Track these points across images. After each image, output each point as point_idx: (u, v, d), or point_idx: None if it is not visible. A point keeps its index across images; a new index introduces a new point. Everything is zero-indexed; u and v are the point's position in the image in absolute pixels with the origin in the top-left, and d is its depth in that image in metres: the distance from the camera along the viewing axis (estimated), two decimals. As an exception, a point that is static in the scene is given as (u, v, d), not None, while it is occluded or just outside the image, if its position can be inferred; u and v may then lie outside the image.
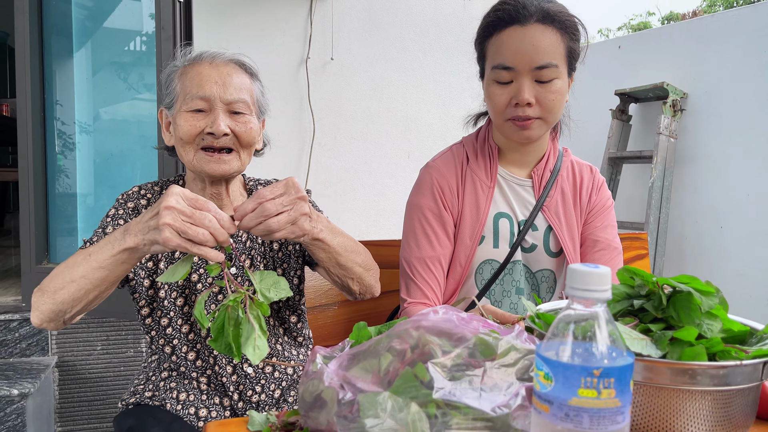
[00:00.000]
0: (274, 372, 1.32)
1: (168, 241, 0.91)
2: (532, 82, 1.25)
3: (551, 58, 1.24)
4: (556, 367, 0.55)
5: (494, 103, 1.30)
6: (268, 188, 0.99)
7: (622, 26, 19.61)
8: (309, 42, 2.77)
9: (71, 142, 2.74)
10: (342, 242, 1.19)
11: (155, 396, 1.28)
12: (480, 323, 0.75)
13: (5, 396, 2.09)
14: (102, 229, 1.25)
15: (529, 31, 1.24)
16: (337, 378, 0.73)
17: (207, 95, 1.20)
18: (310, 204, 1.38)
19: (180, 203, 0.92)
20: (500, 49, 1.27)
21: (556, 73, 1.25)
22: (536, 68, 1.24)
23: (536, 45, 1.23)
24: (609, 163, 4.35)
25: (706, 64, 4.03)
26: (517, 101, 1.26)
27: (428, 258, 1.36)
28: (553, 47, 1.25)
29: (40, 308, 1.09)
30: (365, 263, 1.27)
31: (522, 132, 1.30)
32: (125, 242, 1.00)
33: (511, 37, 1.25)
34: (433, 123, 3.02)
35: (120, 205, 1.29)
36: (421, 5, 2.95)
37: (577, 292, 0.56)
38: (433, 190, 1.38)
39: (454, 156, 1.42)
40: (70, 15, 2.75)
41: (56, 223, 2.71)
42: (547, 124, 1.31)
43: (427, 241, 1.37)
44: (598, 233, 1.41)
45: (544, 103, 1.26)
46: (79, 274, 1.05)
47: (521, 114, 1.27)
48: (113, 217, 1.27)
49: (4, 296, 2.65)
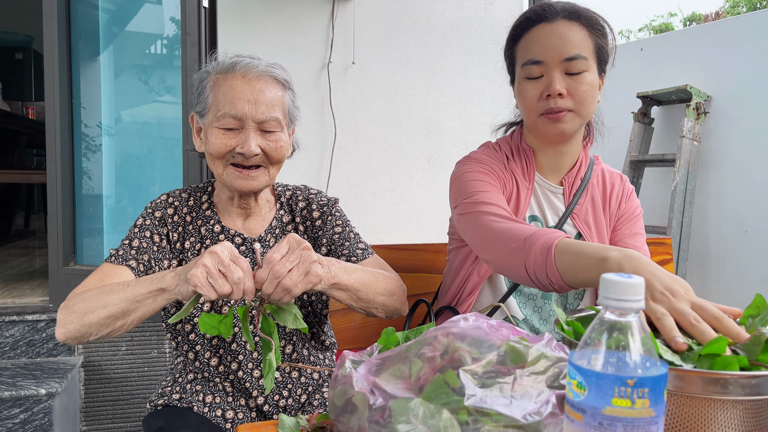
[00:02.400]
0: (301, 377, 1.34)
1: (193, 278, 0.95)
2: (563, 74, 1.26)
3: (580, 50, 1.25)
4: (590, 376, 0.56)
5: (525, 99, 1.30)
6: (274, 250, 1.01)
7: (643, 27, 19.42)
8: (331, 46, 2.79)
9: (98, 144, 2.79)
10: (359, 278, 1.17)
11: (183, 398, 1.30)
12: (510, 330, 0.75)
13: (33, 395, 2.14)
14: (129, 240, 1.26)
15: (556, 26, 1.26)
16: (367, 383, 0.74)
17: (239, 115, 1.20)
18: (339, 210, 1.39)
19: (224, 254, 0.97)
20: (528, 46, 1.29)
21: (585, 66, 1.25)
22: (566, 59, 1.24)
23: (563, 38, 1.25)
24: (631, 167, 4.31)
25: (730, 67, 3.99)
26: (548, 93, 1.26)
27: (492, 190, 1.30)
28: (581, 41, 1.26)
29: (66, 326, 1.11)
30: (388, 290, 1.24)
31: (555, 125, 1.28)
32: (163, 281, 1.04)
33: (539, 33, 1.28)
34: (454, 127, 3.02)
35: (148, 214, 1.30)
36: (442, 9, 2.96)
37: (611, 301, 0.57)
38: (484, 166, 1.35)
39: (497, 152, 1.41)
40: (96, 19, 2.80)
41: (83, 226, 2.76)
42: (580, 118, 1.29)
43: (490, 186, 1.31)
44: (626, 240, 1.41)
45: (575, 94, 1.26)
46: (112, 302, 1.08)
47: (553, 106, 1.26)
48: (140, 227, 1.28)
49: (31, 297, 2.70)
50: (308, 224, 1.38)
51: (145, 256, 1.25)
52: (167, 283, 1.04)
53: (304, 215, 1.38)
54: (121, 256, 1.24)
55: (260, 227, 1.35)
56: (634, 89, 4.36)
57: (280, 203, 1.39)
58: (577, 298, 1.41)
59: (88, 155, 2.79)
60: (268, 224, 1.36)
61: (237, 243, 1.31)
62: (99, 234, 2.80)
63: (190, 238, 1.30)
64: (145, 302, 1.07)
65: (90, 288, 1.14)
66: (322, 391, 1.37)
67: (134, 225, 1.29)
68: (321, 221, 1.37)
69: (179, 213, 1.31)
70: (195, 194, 1.36)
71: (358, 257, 1.33)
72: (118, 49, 2.88)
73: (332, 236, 1.36)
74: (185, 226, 1.31)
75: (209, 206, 1.34)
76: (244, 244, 1.32)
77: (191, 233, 1.31)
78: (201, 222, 1.32)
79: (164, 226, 1.29)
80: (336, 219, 1.38)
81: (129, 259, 1.23)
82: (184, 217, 1.31)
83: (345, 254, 1.34)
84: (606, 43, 1.31)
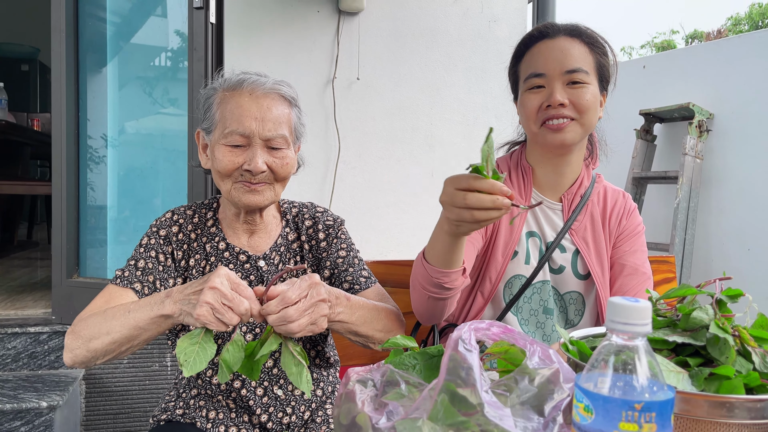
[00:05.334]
0: (304, 394, 1.34)
1: (201, 318, 0.96)
2: (564, 85, 1.29)
3: (581, 64, 1.29)
4: (597, 400, 0.56)
5: (527, 110, 1.32)
6: (292, 289, 1.01)
7: (645, 44, 19.52)
8: (336, 62, 2.81)
9: (102, 156, 2.81)
10: (361, 316, 1.17)
11: (186, 414, 1.29)
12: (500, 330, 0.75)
13: (34, 408, 2.13)
14: (134, 261, 1.26)
15: (558, 41, 1.31)
16: (371, 403, 0.74)
17: (246, 132, 1.21)
18: (344, 233, 1.39)
19: (224, 285, 0.98)
20: (531, 61, 1.33)
21: (587, 79, 1.29)
22: (567, 72, 1.28)
23: (565, 52, 1.29)
24: (634, 183, 4.32)
25: (733, 85, 4.01)
26: (549, 103, 1.28)
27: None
28: (582, 56, 1.30)
29: (73, 352, 1.13)
30: (387, 327, 1.23)
31: (557, 135, 1.30)
32: (164, 308, 1.04)
33: (541, 48, 1.32)
34: (457, 142, 3.03)
35: (152, 233, 1.30)
36: (446, 26, 2.98)
37: (617, 325, 0.57)
38: None
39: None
40: (103, 32, 2.83)
41: (87, 238, 2.76)
42: (581, 128, 1.31)
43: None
44: (626, 257, 1.41)
45: (577, 104, 1.28)
46: (115, 329, 1.08)
47: (554, 114, 1.28)
48: (145, 247, 1.28)
49: (34, 309, 2.70)
50: (313, 243, 1.38)
51: (150, 277, 1.25)
52: (169, 309, 1.04)
53: (310, 234, 1.38)
54: (127, 278, 1.24)
55: (265, 244, 1.35)
56: (637, 106, 4.38)
57: (286, 221, 1.39)
58: (577, 315, 1.41)
59: (96, 167, 2.80)
60: (273, 242, 1.36)
61: (242, 260, 1.32)
62: (103, 246, 2.81)
63: (195, 255, 1.31)
64: (150, 328, 1.07)
65: (95, 312, 1.14)
66: (326, 408, 1.37)
67: (139, 244, 1.29)
68: (326, 243, 1.37)
69: (184, 231, 1.32)
70: (200, 211, 1.36)
71: (362, 286, 1.33)
72: (124, 62, 2.90)
73: (336, 260, 1.36)
74: (190, 244, 1.31)
75: (214, 223, 1.34)
76: (248, 262, 1.32)
77: (196, 250, 1.31)
78: (206, 239, 1.32)
79: (169, 244, 1.29)
80: (341, 242, 1.38)
81: (134, 282, 1.23)
82: (189, 235, 1.32)
83: (348, 281, 1.34)
84: (607, 61, 1.34)
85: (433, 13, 2.96)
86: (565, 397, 0.68)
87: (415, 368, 0.84)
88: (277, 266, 1.34)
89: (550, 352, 0.71)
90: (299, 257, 1.37)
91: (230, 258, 1.31)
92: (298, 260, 1.37)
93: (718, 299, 0.82)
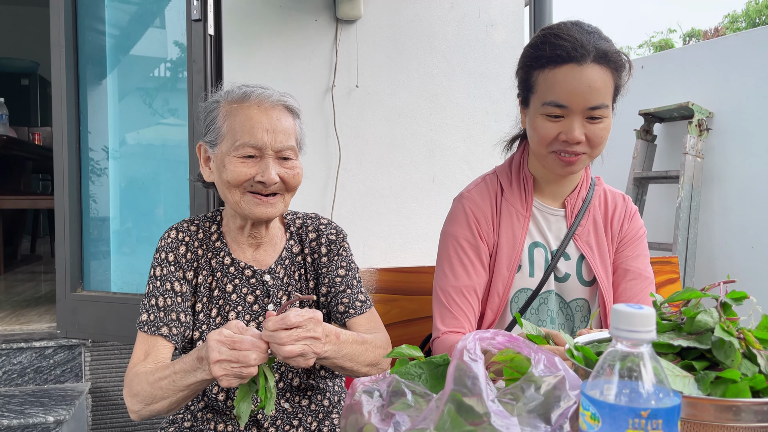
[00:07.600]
0: (311, 405, 1.34)
1: (231, 385, 1.03)
2: (583, 120, 1.26)
3: (604, 99, 1.25)
4: (603, 408, 0.56)
5: (541, 136, 1.29)
6: (293, 313, 1.05)
7: (643, 44, 19.55)
8: (334, 71, 2.82)
9: (104, 168, 2.82)
10: (348, 353, 1.19)
11: (194, 426, 1.30)
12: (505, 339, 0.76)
13: (41, 423, 2.13)
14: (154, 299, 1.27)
15: (585, 71, 1.23)
16: (378, 413, 0.74)
17: (258, 144, 1.22)
18: (346, 249, 1.40)
19: (223, 353, 1.01)
20: (554, 86, 1.26)
21: (606, 113, 1.27)
22: (589, 108, 1.25)
23: (592, 86, 1.23)
24: (634, 184, 4.32)
25: (732, 84, 4.01)
26: (566, 138, 1.26)
27: (464, 287, 1.36)
28: (606, 88, 1.26)
29: (138, 413, 1.19)
30: (373, 361, 1.25)
31: (566, 167, 1.31)
32: (197, 376, 1.09)
33: (567, 76, 1.24)
34: (457, 147, 3.04)
35: (161, 261, 1.29)
36: (444, 32, 2.99)
37: (622, 332, 0.57)
38: (469, 221, 1.39)
39: (488, 186, 1.43)
40: (102, 45, 2.84)
41: (90, 251, 2.76)
42: (591, 159, 1.33)
43: (463, 269, 1.37)
44: (629, 262, 1.41)
45: (592, 140, 1.27)
46: (169, 394, 1.14)
47: (569, 149, 1.28)
48: (160, 280, 1.28)
49: (38, 323, 2.71)
50: (315, 257, 1.38)
51: (172, 315, 1.25)
52: (204, 376, 1.08)
53: (313, 247, 1.38)
54: (153, 323, 1.24)
55: (270, 258, 1.35)
56: (636, 106, 4.38)
57: (290, 233, 1.39)
58: (583, 322, 1.41)
59: (95, 179, 2.81)
60: (278, 255, 1.36)
61: (247, 275, 1.31)
62: (106, 258, 2.81)
63: (202, 272, 1.31)
64: (199, 387, 1.13)
65: (144, 371, 1.18)
66: (332, 418, 1.37)
67: (153, 276, 1.29)
68: (327, 258, 1.38)
69: (191, 249, 1.31)
70: (203, 225, 1.36)
71: (356, 311, 1.34)
72: (123, 74, 2.91)
73: (334, 278, 1.36)
74: (198, 260, 1.31)
75: (218, 237, 1.34)
76: (254, 277, 1.32)
77: (203, 266, 1.31)
78: (211, 254, 1.32)
79: (180, 268, 1.29)
80: (342, 260, 1.38)
81: (161, 326, 1.24)
82: (196, 251, 1.32)
83: (344, 303, 1.34)
84: (623, 81, 1.32)
85: (431, 19, 2.96)
86: (571, 404, 0.68)
87: (421, 377, 0.84)
88: (283, 280, 1.34)
89: (555, 359, 0.72)
90: (303, 270, 1.37)
91: (236, 273, 1.31)
92: (302, 273, 1.37)
93: (723, 302, 0.82)
